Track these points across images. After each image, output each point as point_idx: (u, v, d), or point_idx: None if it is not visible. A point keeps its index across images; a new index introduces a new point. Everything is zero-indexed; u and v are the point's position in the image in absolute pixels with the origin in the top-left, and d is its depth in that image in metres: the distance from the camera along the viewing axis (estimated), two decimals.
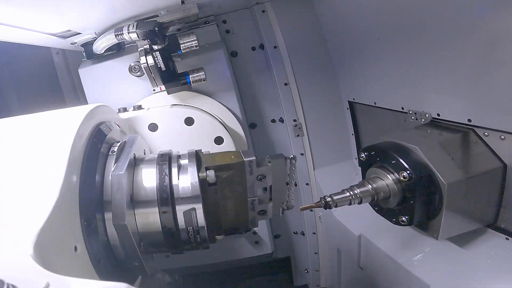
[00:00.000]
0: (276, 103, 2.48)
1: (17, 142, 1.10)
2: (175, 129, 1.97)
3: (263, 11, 2.35)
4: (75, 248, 0.92)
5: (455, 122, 1.48)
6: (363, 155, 1.60)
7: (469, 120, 1.39)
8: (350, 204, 1.46)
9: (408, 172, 1.37)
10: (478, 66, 1.31)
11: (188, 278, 2.74)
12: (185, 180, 1.20)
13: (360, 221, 1.68)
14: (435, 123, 1.58)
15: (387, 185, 1.43)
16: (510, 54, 1.18)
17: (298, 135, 2.50)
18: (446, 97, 1.50)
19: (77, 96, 2.75)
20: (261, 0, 2.30)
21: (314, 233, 2.69)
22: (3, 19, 1.35)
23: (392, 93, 1.83)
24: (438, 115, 1.53)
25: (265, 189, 1.28)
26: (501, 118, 1.29)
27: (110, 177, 1.10)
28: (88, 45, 2.12)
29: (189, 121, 1.99)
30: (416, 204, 1.38)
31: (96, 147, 1.15)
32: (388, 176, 1.44)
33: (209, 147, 2.01)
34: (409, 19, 1.55)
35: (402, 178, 1.38)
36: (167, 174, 1.20)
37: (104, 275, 1.02)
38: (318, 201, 1.46)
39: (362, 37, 1.93)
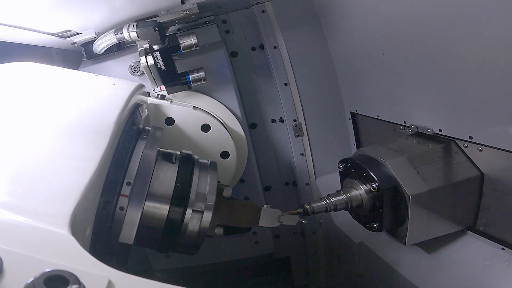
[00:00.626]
0: (276, 103, 2.48)
1: (64, 98, 1.05)
2: (190, 131, 1.99)
3: (263, 11, 2.35)
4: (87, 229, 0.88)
5: (440, 134, 1.59)
6: (341, 166, 1.74)
7: (471, 137, 1.46)
8: (326, 211, 1.61)
9: (376, 184, 1.51)
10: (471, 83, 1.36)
11: (188, 278, 2.74)
12: (203, 187, 1.19)
13: (361, 229, 1.73)
14: (419, 134, 1.70)
15: (360, 195, 1.59)
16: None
17: (298, 135, 2.50)
18: (447, 112, 1.56)
19: None
20: (261, 0, 2.30)
21: (314, 233, 2.68)
22: (3, 19, 1.35)
23: (395, 107, 1.88)
24: (440, 130, 1.59)
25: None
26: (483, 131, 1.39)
27: (136, 163, 1.06)
28: (88, 45, 2.12)
29: (205, 128, 2.01)
30: (385, 212, 1.53)
31: (132, 129, 1.13)
32: (361, 186, 1.59)
33: (214, 159, 2.02)
34: (413, 34, 1.55)
35: (371, 189, 1.53)
36: (188, 176, 1.20)
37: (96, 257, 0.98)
38: (297, 209, 1.59)
39: (366, 49, 1.94)
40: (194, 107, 2.06)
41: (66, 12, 1.50)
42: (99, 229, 0.96)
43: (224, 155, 2.06)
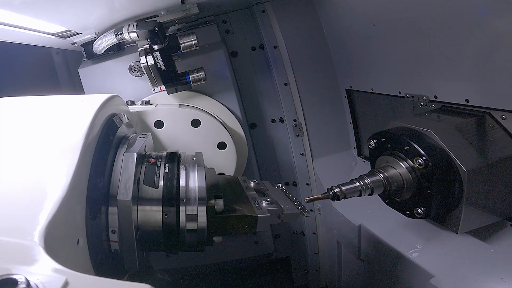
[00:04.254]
0: (276, 103, 2.48)
1: (32, 125, 1.08)
2: (181, 129, 1.98)
3: (263, 11, 2.35)
4: (78, 241, 0.91)
5: (469, 106, 1.37)
6: (371, 142, 1.47)
7: (467, 100, 1.33)
8: (360, 195, 1.35)
9: (423, 158, 1.24)
10: (484, 46, 1.27)
11: (188, 278, 2.74)
12: (192, 183, 1.19)
13: (360, 211, 1.65)
14: (447, 108, 1.46)
15: (400, 174, 1.31)
16: None
17: (298, 135, 2.50)
18: (446, 78, 1.45)
19: None
20: (261, 0, 2.30)
21: (314, 233, 2.68)
22: (3, 19, 1.35)
23: (389, 78, 1.80)
24: (436, 97, 1.48)
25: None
26: None
27: (119, 171, 1.08)
28: (88, 45, 2.12)
29: (195, 123, 1.99)
30: (434, 194, 1.24)
31: (108, 140, 1.13)
32: (401, 164, 1.31)
33: (212, 152, 2.02)
34: (403, 3, 1.52)
35: (417, 165, 1.26)
36: (175, 174, 1.20)
37: (100, 271, 1.01)
38: (325, 192, 1.36)
39: (357, 23, 1.91)
40: (180, 105, 2.06)
41: (66, 12, 1.50)
42: (96, 239, 0.99)
43: (222, 145, 2.04)
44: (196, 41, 1.86)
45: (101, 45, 1.89)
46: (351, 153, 2.46)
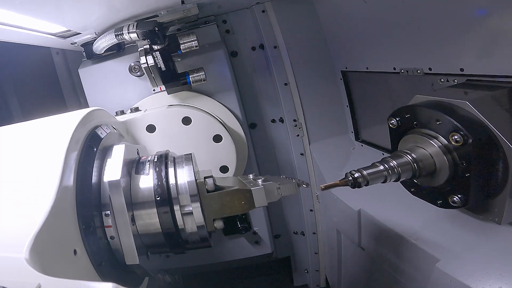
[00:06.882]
0: (276, 103, 2.48)
1: (13, 149, 1.11)
2: (173, 129, 1.97)
3: (263, 11, 2.35)
4: (75, 251, 0.92)
5: (495, 76, 1.18)
6: (393, 120, 1.26)
7: (461, 69, 1.21)
8: (384, 181, 1.16)
9: (461, 133, 1.03)
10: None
11: (188, 278, 2.74)
12: (182, 180, 1.20)
13: (360, 195, 1.52)
14: (472, 82, 1.26)
15: (431, 155, 1.11)
16: None
17: (298, 135, 2.50)
18: (439, 49, 1.36)
19: (77, 96, 2.75)
20: (261, 0, 2.30)
21: (314, 233, 2.68)
22: (3, 19, 1.35)
23: (383, 55, 1.75)
24: (430, 69, 1.39)
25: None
26: None
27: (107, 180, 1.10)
28: (88, 45, 2.12)
29: (186, 121, 1.99)
30: (474, 178, 1.04)
31: (92, 151, 1.15)
32: (432, 142, 1.11)
33: (208, 146, 2.01)
34: None
35: (453, 142, 1.05)
36: (164, 174, 1.20)
37: (106, 278, 1.01)
38: (344, 178, 1.17)
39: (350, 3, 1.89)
40: (169, 106, 2.05)
41: (66, 12, 1.50)
42: (95, 248, 1.01)
43: (217, 138, 2.03)
44: (196, 41, 1.86)
45: (101, 45, 1.89)
46: (349, 138, 2.43)
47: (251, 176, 1.39)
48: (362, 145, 2.30)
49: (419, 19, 1.46)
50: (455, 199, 1.11)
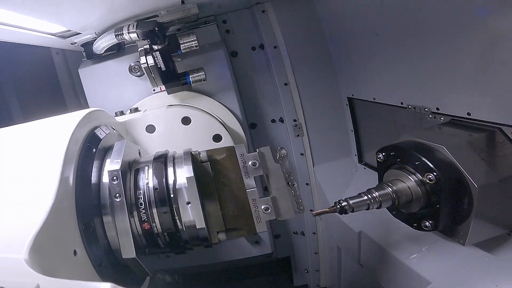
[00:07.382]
0: (276, 103, 2.48)
1: (13, 150, 1.11)
2: (173, 130, 1.97)
3: (263, 11, 2.35)
4: (75, 252, 0.92)
5: (479, 121, 1.38)
6: (380, 155, 1.48)
7: (468, 114, 1.35)
8: (368, 208, 1.37)
9: (435, 174, 1.25)
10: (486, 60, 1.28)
11: (188, 278, 2.74)
12: (181, 178, 1.20)
13: (360, 218, 1.63)
14: (456, 122, 1.47)
15: (409, 188, 1.33)
16: None
17: (298, 135, 2.50)
18: (449, 91, 1.45)
19: (77, 96, 2.75)
20: (261, 0, 2.30)
21: (314, 233, 2.68)
22: (3, 19, 1.35)
23: (391, 88, 1.81)
24: (437, 109, 1.51)
25: (265, 189, 1.27)
26: None
27: (107, 181, 1.09)
28: (88, 45, 2.11)
29: (186, 121, 1.99)
30: (443, 209, 1.26)
31: (91, 152, 1.15)
32: (410, 178, 1.33)
33: (208, 145, 2.00)
34: (407, 13, 1.53)
35: (427, 180, 1.27)
36: (163, 174, 1.20)
37: (106, 278, 1.01)
38: (333, 206, 1.39)
39: (360, 32, 1.93)
40: (168, 106, 2.05)
41: (66, 12, 1.49)
42: (95, 248, 1.01)
43: (217, 138, 2.03)
44: (196, 41, 1.86)
45: (101, 45, 1.89)
46: (352, 160, 2.47)
47: (250, 162, 1.34)
48: (364, 168, 2.35)
49: (430, 58, 1.49)
50: (427, 224, 1.33)
